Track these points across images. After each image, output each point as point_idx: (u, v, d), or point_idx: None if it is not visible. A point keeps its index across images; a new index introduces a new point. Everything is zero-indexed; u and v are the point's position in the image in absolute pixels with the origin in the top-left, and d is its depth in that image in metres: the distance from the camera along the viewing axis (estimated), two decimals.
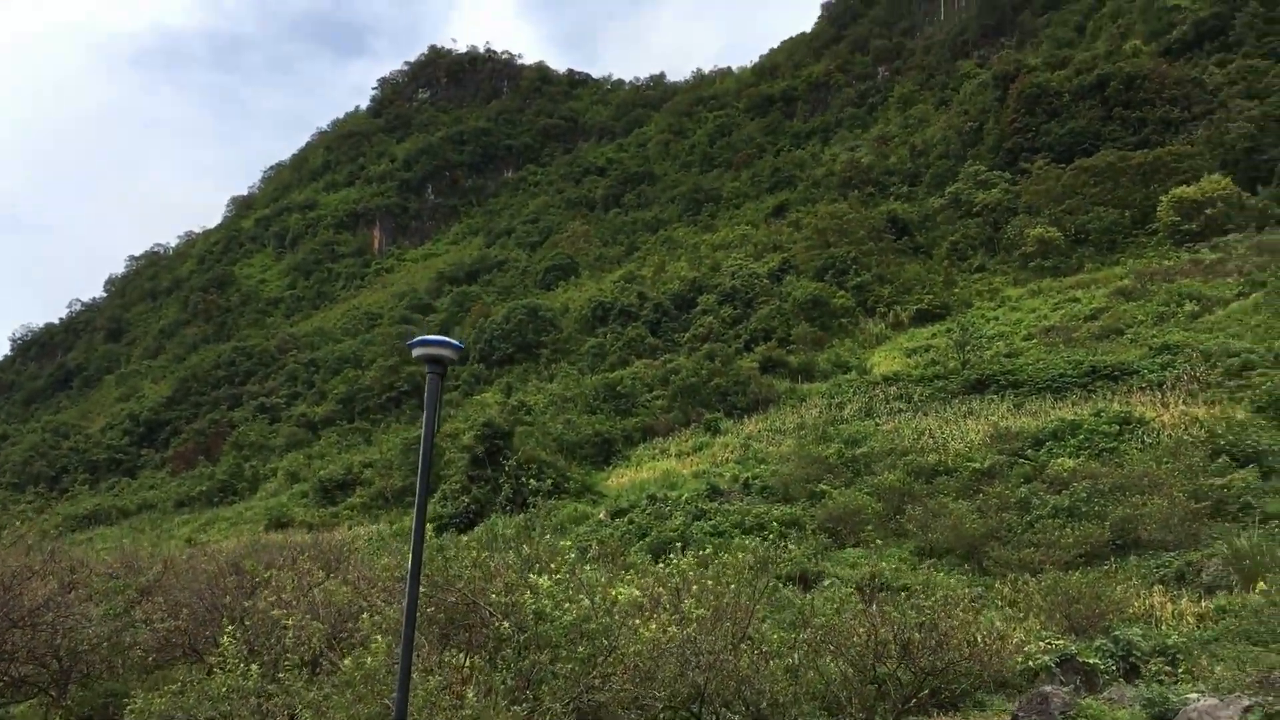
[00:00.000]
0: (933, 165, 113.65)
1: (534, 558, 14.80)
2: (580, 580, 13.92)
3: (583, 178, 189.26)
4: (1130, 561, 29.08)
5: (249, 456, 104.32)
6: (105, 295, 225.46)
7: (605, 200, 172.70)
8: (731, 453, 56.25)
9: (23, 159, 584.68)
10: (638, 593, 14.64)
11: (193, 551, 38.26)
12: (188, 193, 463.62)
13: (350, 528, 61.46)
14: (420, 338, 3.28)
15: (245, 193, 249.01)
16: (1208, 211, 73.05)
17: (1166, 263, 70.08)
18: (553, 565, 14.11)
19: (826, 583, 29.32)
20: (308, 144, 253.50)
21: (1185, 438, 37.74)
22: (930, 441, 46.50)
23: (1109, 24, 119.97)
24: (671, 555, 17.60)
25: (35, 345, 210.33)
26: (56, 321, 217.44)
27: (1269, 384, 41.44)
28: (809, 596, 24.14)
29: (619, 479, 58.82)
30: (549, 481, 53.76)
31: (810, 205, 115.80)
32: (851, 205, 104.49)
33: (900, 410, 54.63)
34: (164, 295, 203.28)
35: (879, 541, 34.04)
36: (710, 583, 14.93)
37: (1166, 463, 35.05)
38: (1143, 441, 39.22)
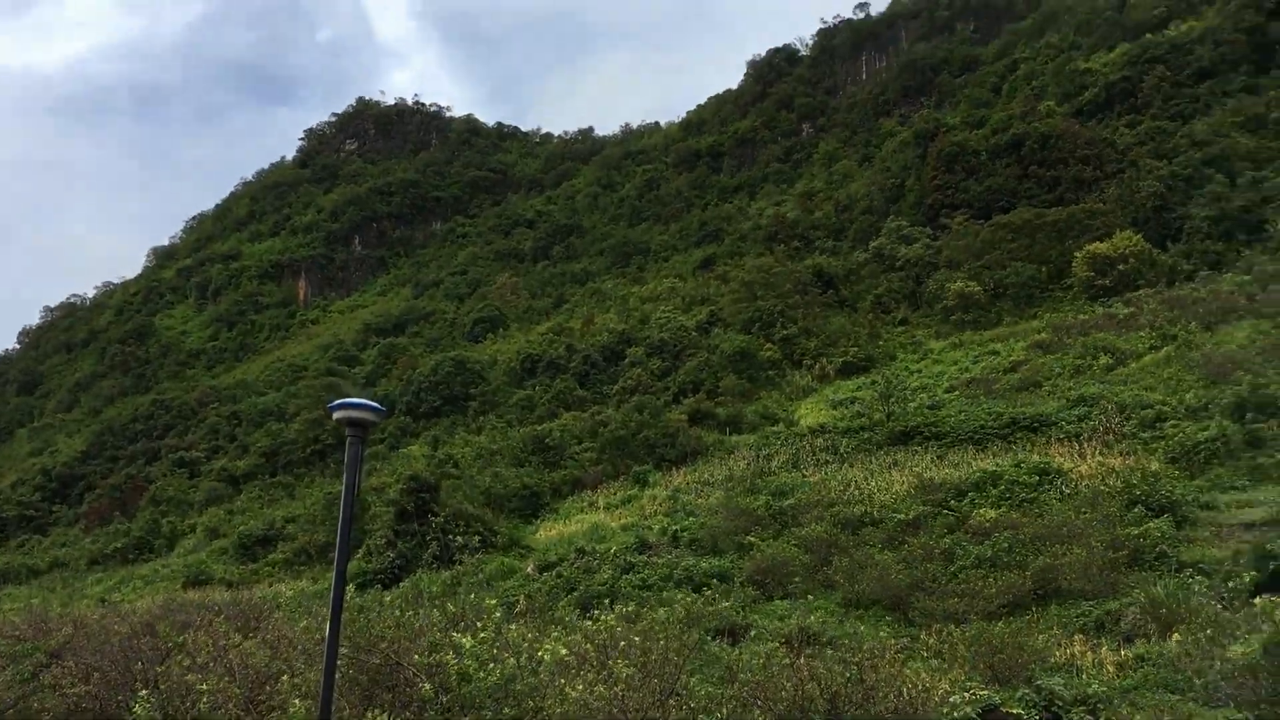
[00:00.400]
0: (856, 220, 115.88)
1: (459, 616, 14.60)
2: (506, 639, 13.76)
3: (511, 230, 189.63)
4: (1051, 610, 29.48)
5: (166, 512, 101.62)
6: (18, 347, 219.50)
7: (534, 252, 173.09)
8: (660, 505, 56.12)
9: None
10: (565, 651, 14.49)
11: (105, 612, 37.02)
12: (108, 244, 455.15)
13: (271, 585, 60.04)
14: (340, 400, 3.24)
15: (167, 243, 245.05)
16: (1120, 267, 75.35)
17: (1082, 317, 71.97)
18: (478, 623, 13.93)
19: (754, 635, 29.28)
20: (232, 194, 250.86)
21: (1102, 488, 38.52)
22: (856, 493, 46.87)
23: (1024, 85, 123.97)
24: (599, 610, 17.49)
25: None
26: None
27: (1180, 435, 42.58)
28: (737, 650, 24.11)
29: (547, 532, 58.32)
30: (475, 537, 53.13)
31: (737, 259, 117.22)
32: (778, 259, 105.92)
33: (827, 461, 55.04)
34: (80, 347, 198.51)
35: (807, 595, 34.11)
36: (638, 639, 14.84)
37: (1085, 513, 35.73)
38: (1061, 492, 39.95)
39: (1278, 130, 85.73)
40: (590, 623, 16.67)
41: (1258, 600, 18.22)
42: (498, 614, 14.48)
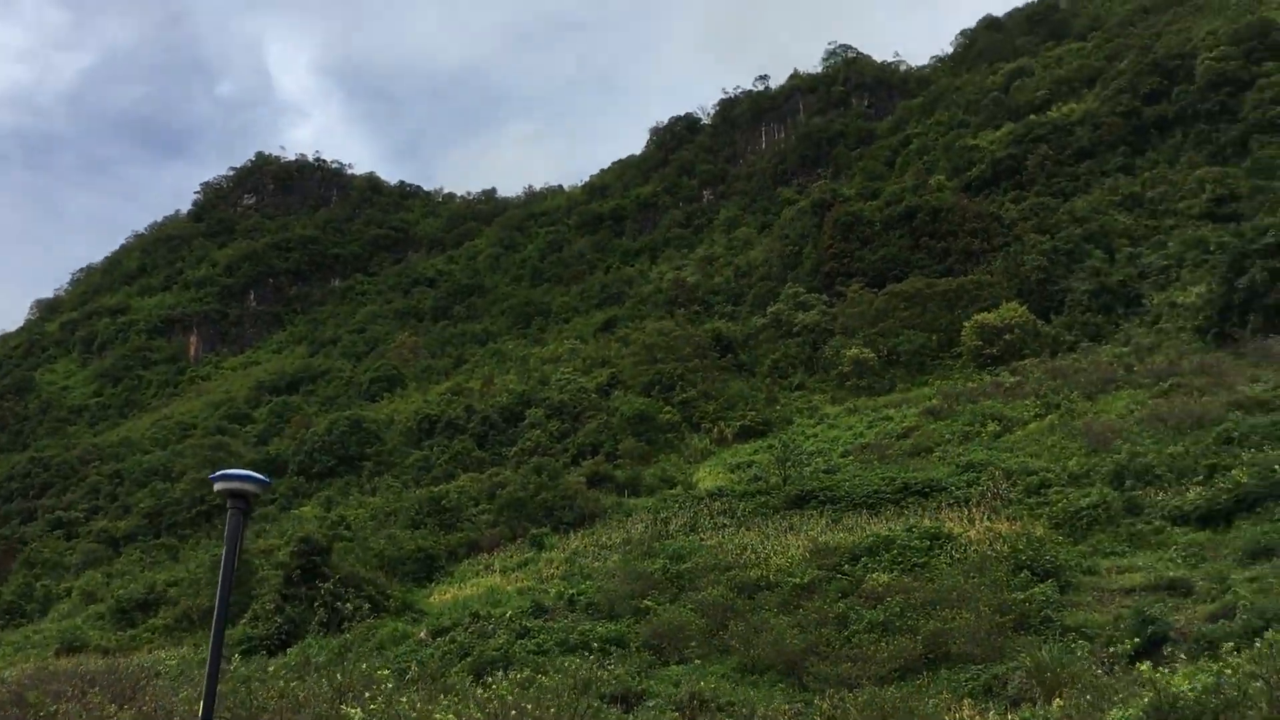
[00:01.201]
0: (755, 286, 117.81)
1: (348, 685, 14.26)
2: (396, 710, 13.48)
3: (412, 288, 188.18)
4: (941, 674, 29.89)
5: (40, 575, 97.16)
6: None
7: (434, 311, 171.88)
8: (557, 568, 55.60)
9: None
10: None
11: None
12: None
13: (151, 652, 57.59)
14: (222, 471, 3.20)
15: (51, 295, 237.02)
16: (1006, 337, 77.94)
17: (970, 384, 74.04)
18: (367, 693, 13.62)
19: (650, 703, 29.07)
20: (122, 246, 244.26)
21: (990, 552, 39.37)
22: (753, 556, 47.07)
23: (916, 159, 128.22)
24: (492, 677, 17.25)
25: None
26: None
27: (1064, 501, 43.85)
28: (631, 717, 23.92)
29: (442, 595, 57.23)
30: (366, 603, 51.85)
31: (638, 321, 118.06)
32: (678, 323, 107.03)
33: (724, 525, 55.21)
34: None
35: (701, 660, 34.00)
36: (530, 707, 14.67)
37: (974, 577, 36.44)
38: (952, 556, 40.70)
39: (1153, 209, 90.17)
40: (482, 690, 16.44)
41: (1141, 665, 18.75)
42: (389, 684, 14.17)
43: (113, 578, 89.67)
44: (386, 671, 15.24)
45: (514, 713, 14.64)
